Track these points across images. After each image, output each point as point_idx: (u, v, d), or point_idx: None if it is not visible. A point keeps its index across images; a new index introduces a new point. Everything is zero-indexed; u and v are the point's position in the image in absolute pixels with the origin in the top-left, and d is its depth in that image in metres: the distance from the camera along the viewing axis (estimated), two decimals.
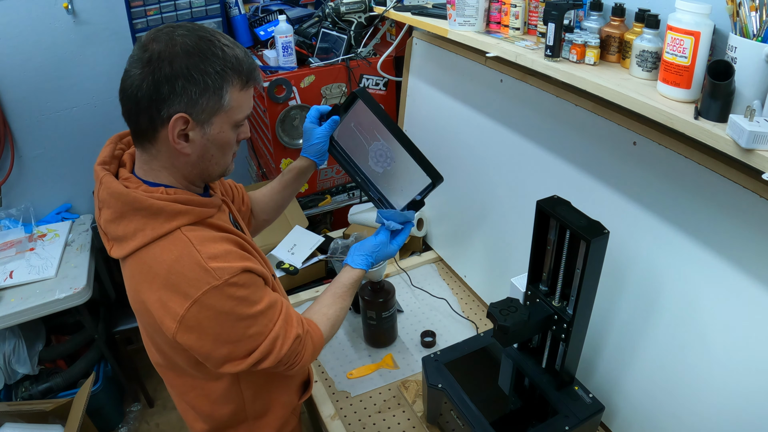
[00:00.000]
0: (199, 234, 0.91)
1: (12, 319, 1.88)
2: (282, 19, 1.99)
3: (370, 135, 1.25)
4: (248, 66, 0.91)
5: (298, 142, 2.08)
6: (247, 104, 0.94)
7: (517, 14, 1.29)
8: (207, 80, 0.86)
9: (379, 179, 1.30)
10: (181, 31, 0.87)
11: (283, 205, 1.39)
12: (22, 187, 2.35)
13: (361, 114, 1.22)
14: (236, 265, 0.91)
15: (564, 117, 1.26)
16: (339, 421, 1.35)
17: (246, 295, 0.92)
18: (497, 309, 1.11)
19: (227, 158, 0.98)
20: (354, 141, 1.29)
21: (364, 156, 1.29)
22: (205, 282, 0.87)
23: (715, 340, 1.01)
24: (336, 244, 1.86)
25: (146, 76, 0.85)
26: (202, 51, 0.86)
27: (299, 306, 1.73)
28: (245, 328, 0.93)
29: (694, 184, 1.00)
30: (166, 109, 0.86)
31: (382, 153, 1.26)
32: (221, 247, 0.92)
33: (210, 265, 0.88)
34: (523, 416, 1.17)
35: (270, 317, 0.97)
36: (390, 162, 1.26)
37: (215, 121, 0.90)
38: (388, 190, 1.30)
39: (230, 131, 0.94)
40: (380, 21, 2.02)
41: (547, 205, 1.08)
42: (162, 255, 0.89)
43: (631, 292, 1.17)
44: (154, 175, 0.95)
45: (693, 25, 0.89)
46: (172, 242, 0.90)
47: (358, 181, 1.32)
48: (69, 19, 2.17)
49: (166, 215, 0.90)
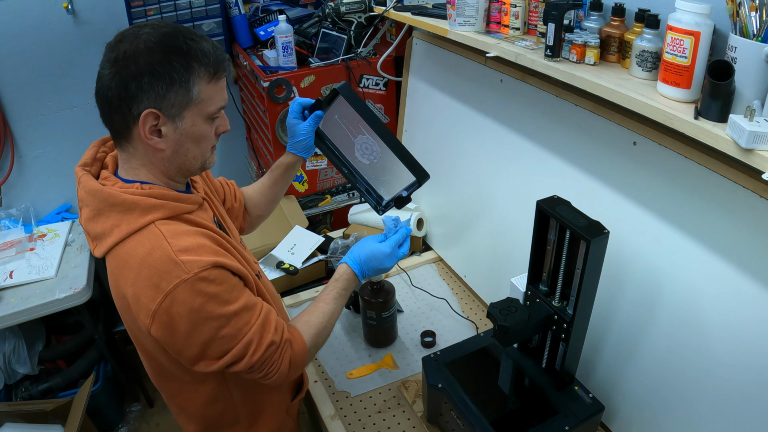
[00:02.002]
0: (172, 228, 0.91)
1: (12, 319, 1.88)
2: (282, 19, 1.99)
3: (354, 128, 1.24)
4: (215, 58, 0.91)
5: None
6: (220, 96, 0.94)
7: (517, 14, 1.29)
8: (173, 74, 0.87)
9: (366, 171, 1.29)
10: (146, 29, 0.88)
11: (275, 200, 1.39)
12: (22, 187, 2.35)
13: (344, 108, 1.21)
14: (207, 258, 0.90)
15: (564, 117, 1.26)
16: (339, 421, 1.35)
17: (217, 292, 0.91)
18: (497, 309, 1.11)
19: (205, 151, 0.97)
20: (339, 132, 1.28)
21: (350, 147, 1.28)
22: (175, 275, 0.87)
23: (715, 340, 1.01)
24: (336, 244, 1.86)
25: (114, 75, 0.87)
26: (165, 46, 0.87)
27: (299, 306, 1.73)
28: (217, 328, 0.92)
29: (694, 184, 1.00)
30: (136, 107, 0.87)
31: (367, 146, 1.25)
32: (193, 241, 0.91)
33: (180, 258, 0.87)
34: (523, 416, 1.17)
35: (245, 320, 0.95)
36: (376, 155, 1.25)
37: (186, 114, 0.91)
38: (375, 181, 1.29)
39: (204, 124, 0.94)
40: (380, 21, 2.02)
41: (547, 205, 1.08)
42: (136, 249, 0.89)
43: (631, 292, 1.17)
44: (133, 173, 0.96)
45: (693, 25, 0.89)
46: (146, 236, 0.90)
47: (345, 172, 1.30)
48: (69, 19, 2.17)
49: (141, 210, 0.91)
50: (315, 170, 2.17)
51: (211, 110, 0.93)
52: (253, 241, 1.94)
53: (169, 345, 0.93)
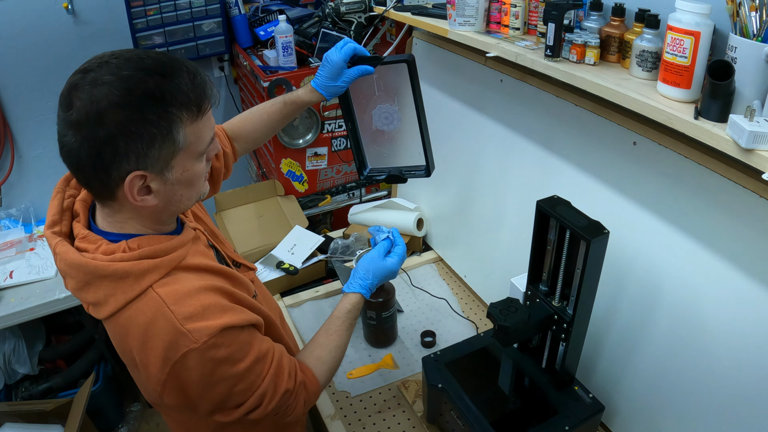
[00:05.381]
0: (172, 289, 0.83)
1: (12, 319, 1.88)
2: (282, 19, 1.99)
3: (388, 95, 1.24)
4: (196, 93, 0.80)
5: (298, 142, 2.08)
6: (207, 129, 0.84)
7: (517, 14, 1.29)
8: (151, 129, 0.76)
9: (370, 136, 1.28)
10: (104, 76, 0.75)
11: (273, 131, 1.29)
12: (22, 187, 2.35)
13: (393, 75, 1.19)
14: (216, 323, 0.83)
15: (564, 117, 1.26)
16: (339, 421, 1.35)
17: (228, 355, 0.85)
18: (497, 309, 1.11)
19: (200, 188, 0.89)
20: (366, 91, 1.25)
21: (367, 108, 1.27)
22: (183, 345, 0.81)
23: (715, 340, 1.01)
24: (336, 244, 1.86)
25: (82, 142, 0.75)
26: (134, 97, 0.74)
27: (298, 306, 1.73)
28: (230, 387, 0.88)
29: (694, 184, 1.00)
30: (116, 172, 0.77)
31: (389, 116, 1.26)
32: (197, 303, 0.83)
33: (186, 327, 0.81)
34: (523, 416, 1.17)
35: (258, 372, 0.91)
36: (393, 126, 1.26)
37: (175, 164, 0.81)
38: (373, 149, 1.29)
39: (196, 164, 0.84)
40: (380, 21, 2.02)
41: (547, 205, 1.08)
42: (137, 318, 0.82)
43: (631, 292, 1.17)
44: (119, 226, 0.86)
45: (693, 25, 0.89)
46: (146, 303, 0.82)
47: (349, 127, 1.29)
48: (69, 19, 2.17)
49: (134, 276, 0.82)
50: (315, 170, 2.17)
51: (201, 149, 0.84)
52: (253, 241, 1.94)
53: (182, 406, 0.90)
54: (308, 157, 2.13)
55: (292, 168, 2.13)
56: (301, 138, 2.09)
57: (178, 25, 2.24)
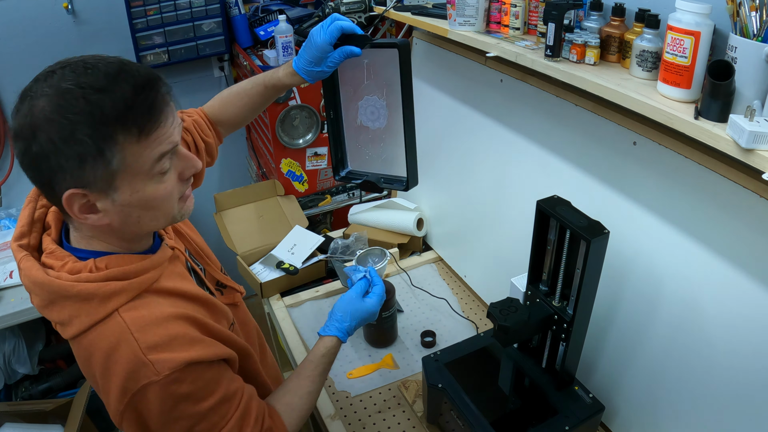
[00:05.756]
0: (139, 315, 0.79)
1: (12, 319, 1.88)
2: (282, 19, 1.99)
3: (377, 86, 1.08)
4: (139, 112, 0.72)
5: (298, 141, 2.08)
6: (154, 151, 0.74)
7: (517, 14, 1.29)
8: (80, 149, 0.70)
9: (353, 132, 1.14)
10: (45, 89, 0.71)
11: (256, 111, 1.19)
12: (22, 187, 2.35)
13: (385, 63, 1.05)
14: (181, 356, 0.78)
15: (564, 117, 1.26)
16: (339, 421, 1.35)
17: (191, 392, 0.81)
18: (497, 309, 1.11)
19: (167, 210, 0.81)
20: (355, 78, 1.10)
21: (354, 98, 1.11)
22: (143, 376, 0.76)
23: (715, 340, 1.01)
24: (336, 244, 1.86)
25: (22, 154, 0.73)
26: (66, 115, 0.69)
27: (298, 306, 1.73)
28: (190, 425, 0.83)
29: (694, 184, 1.00)
30: (57, 187, 0.73)
31: (375, 111, 1.11)
32: (164, 332, 0.78)
33: (149, 358, 0.76)
34: (523, 416, 1.17)
35: (222, 413, 0.85)
36: (378, 124, 1.11)
37: (120, 185, 0.74)
38: (354, 148, 1.16)
39: (150, 185, 0.76)
40: (380, 21, 2.02)
41: (547, 205, 1.08)
42: (100, 342, 0.78)
43: (631, 292, 1.17)
44: (86, 242, 0.82)
45: (693, 25, 0.89)
46: (110, 328, 0.78)
47: (331, 117, 1.15)
48: (69, 19, 2.17)
49: (99, 299, 0.77)
50: (315, 170, 2.17)
51: (151, 170, 0.75)
52: (253, 241, 1.94)
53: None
54: (308, 157, 2.13)
55: (292, 168, 2.13)
56: (301, 138, 2.09)
57: (178, 25, 2.24)
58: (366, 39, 1.03)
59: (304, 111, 2.05)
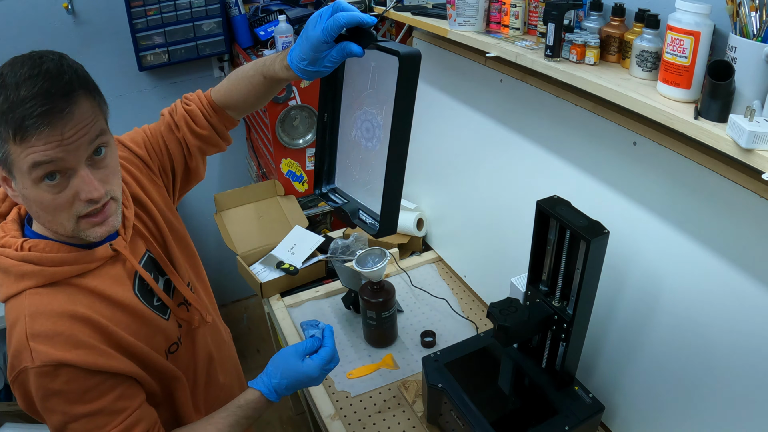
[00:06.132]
0: (39, 302, 0.82)
1: None
2: (282, 19, 1.99)
3: (378, 99, 0.91)
4: (10, 117, 0.73)
5: (298, 142, 2.08)
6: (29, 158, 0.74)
7: (517, 14, 1.29)
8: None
9: (347, 144, 0.98)
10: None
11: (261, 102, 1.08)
12: None
13: (390, 70, 0.86)
14: (55, 355, 0.79)
15: (564, 117, 1.26)
16: (339, 421, 1.35)
17: (64, 390, 0.81)
18: (497, 309, 1.11)
19: (63, 221, 0.81)
20: (359, 81, 0.93)
21: (356, 106, 0.95)
22: (24, 359, 0.80)
23: (714, 340, 1.01)
24: (336, 244, 1.86)
25: None
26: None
27: (298, 306, 1.73)
28: (64, 421, 0.83)
29: (694, 184, 1.00)
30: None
31: (372, 128, 0.92)
32: (52, 326, 0.80)
33: (30, 344, 0.79)
34: (523, 416, 1.17)
35: (98, 424, 0.84)
36: (370, 145, 0.94)
37: (15, 175, 0.77)
38: (344, 165, 1.00)
39: (34, 190, 0.78)
40: (380, 21, 2.02)
41: (547, 205, 1.08)
42: (8, 314, 0.84)
43: (631, 292, 1.17)
44: (36, 225, 0.87)
45: (693, 25, 0.89)
46: (16, 305, 0.83)
47: (325, 120, 1.00)
48: (69, 19, 2.17)
49: (14, 276, 0.82)
50: None
51: (29, 175, 0.76)
52: (253, 241, 1.94)
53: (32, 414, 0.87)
54: (308, 157, 2.13)
55: (292, 168, 2.13)
56: (301, 138, 2.09)
57: (178, 25, 2.24)
58: (370, 38, 0.84)
59: (304, 111, 2.05)
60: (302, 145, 2.09)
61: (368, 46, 0.85)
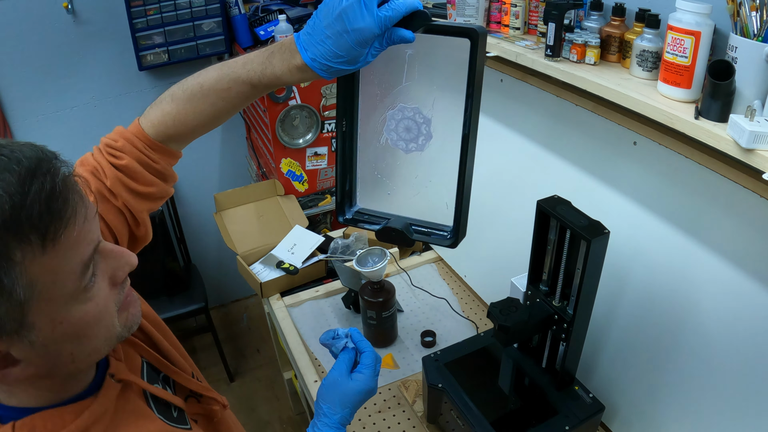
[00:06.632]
0: None
1: None
2: (282, 19, 1.99)
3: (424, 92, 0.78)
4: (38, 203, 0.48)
5: (298, 141, 2.08)
6: (76, 255, 0.53)
7: (517, 14, 1.29)
8: None
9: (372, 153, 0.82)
10: None
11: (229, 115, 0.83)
12: None
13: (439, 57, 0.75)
14: None
15: (564, 117, 1.26)
16: None
17: None
18: (497, 309, 1.11)
19: (106, 331, 0.59)
20: (386, 76, 0.79)
21: (383, 106, 0.80)
22: None
23: (715, 340, 1.01)
24: (336, 244, 1.86)
25: None
26: None
27: (298, 306, 1.73)
28: None
29: (694, 184, 1.00)
30: None
31: (415, 127, 0.79)
32: None
33: None
34: (523, 416, 1.17)
35: None
36: (414, 147, 0.80)
37: (35, 320, 0.51)
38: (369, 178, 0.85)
39: (77, 309, 0.54)
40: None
41: (547, 205, 1.08)
42: None
43: (631, 292, 1.17)
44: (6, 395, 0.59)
45: (693, 25, 0.89)
46: None
47: (343, 130, 0.83)
48: (69, 19, 2.17)
49: None
50: (315, 170, 2.17)
51: (69, 288, 0.53)
52: (253, 240, 1.94)
53: None
54: (308, 156, 2.13)
55: (292, 168, 2.13)
56: (301, 138, 2.09)
57: (178, 25, 2.24)
58: (424, 18, 0.69)
59: (304, 111, 2.05)
60: (302, 144, 2.09)
61: (417, 30, 0.70)
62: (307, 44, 0.72)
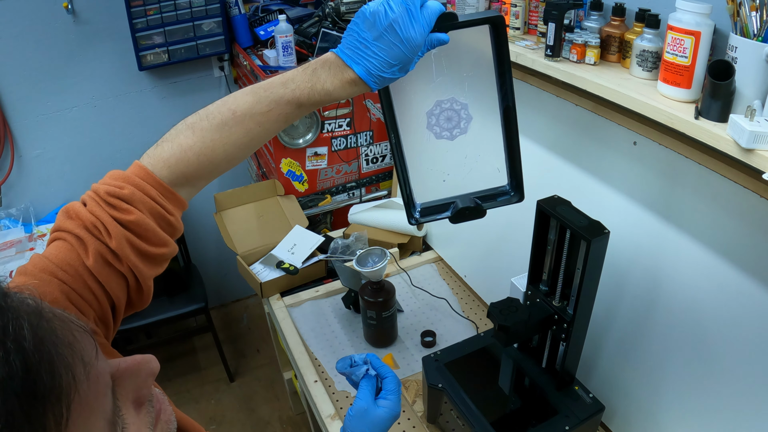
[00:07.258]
0: None
1: None
2: (282, 19, 1.99)
3: (454, 81, 0.82)
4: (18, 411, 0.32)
5: (298, 141, 2.08)
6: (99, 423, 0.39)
7: (517, 14, 1.29)
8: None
9: (418, 154, 0.86)
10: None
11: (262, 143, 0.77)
12: (22, 187, 2.35)
13: (463, 47, 0.79)
14: None
15: (564, 117, 1.26)
16: (339, 421, 1.35)
17: None
18: (497, 309, 1.11)
19: None
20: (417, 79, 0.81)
21: (420, 109, 0.84)
22: None
23: (715, 340, 1.01)
24: (336, 244, 1.86)
25: None
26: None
27: (298, 306, 1.73)
28: None
29: (694, 184, 1.00)
30: None
31: (455, 114, 0.84)
32: None
33: None
34: (523, 416, 1.17)
35: None
36: (458, 133, 0.85)
37: None
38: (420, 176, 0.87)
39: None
40: None
41: (547, 205, 1.08)
42: None
43: (631, 292, 1.17)
44: None
45: (693, 25, 0.89)
46: None
47: (394, 142, 0.85)
48: (69, 19, 2.17)
49: None
50: (315, 170, 2.17)
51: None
52: (253, 241, 1.94)
53: None
54: (308, 156, 2.13)
55: (292, 168, 2.13)
56: (301, 138, 2.09)
57: (178, 25, 2.24)
58: (453, 17, 0.73)
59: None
60: (302, 144, 2.09)
61: (449, 29, 0.74)
62: (356, 58, 0.71)
